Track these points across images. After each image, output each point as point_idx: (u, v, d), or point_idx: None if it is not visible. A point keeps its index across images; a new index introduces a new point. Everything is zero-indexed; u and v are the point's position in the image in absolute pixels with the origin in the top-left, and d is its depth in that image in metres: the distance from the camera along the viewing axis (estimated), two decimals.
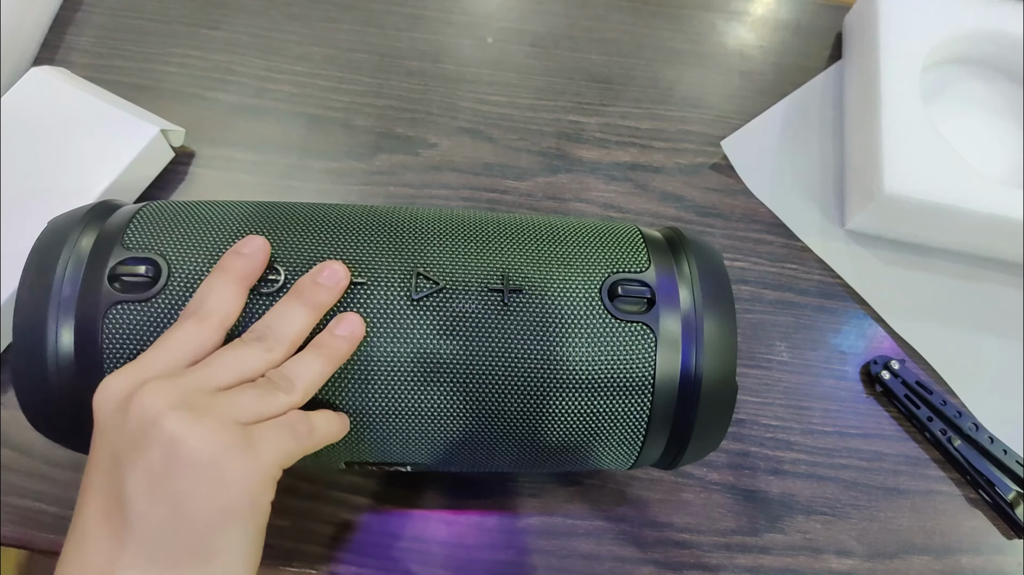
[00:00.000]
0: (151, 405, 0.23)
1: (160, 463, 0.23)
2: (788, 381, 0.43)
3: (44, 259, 0.28)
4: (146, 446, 0.23)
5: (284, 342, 0.26)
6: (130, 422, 0.23)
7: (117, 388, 0.24)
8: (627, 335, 0.29)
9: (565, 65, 0.53)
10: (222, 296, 0.26)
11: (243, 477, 0.23)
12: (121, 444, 0.23)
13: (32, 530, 0.36)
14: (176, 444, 0.23)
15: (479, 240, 0.30)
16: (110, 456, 0.24)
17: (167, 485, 0.23)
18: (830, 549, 0.39)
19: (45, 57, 0.49)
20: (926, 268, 0.47)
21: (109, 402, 0.24)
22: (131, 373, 0.24)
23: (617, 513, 0.39)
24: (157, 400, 0.23)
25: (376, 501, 0.38)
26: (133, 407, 0.23)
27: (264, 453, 0.24)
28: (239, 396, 0.25)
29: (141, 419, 0.23)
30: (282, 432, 0.25)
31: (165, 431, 0.23)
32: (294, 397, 0.25)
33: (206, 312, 0.26)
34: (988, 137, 0.50)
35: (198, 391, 0.24)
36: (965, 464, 0.41)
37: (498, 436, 0.29)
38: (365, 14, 0.53)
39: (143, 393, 0.23)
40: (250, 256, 0.27)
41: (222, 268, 0.27)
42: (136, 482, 0.23)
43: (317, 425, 0.26)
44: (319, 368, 0.26)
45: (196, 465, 0.23)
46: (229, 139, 0.48)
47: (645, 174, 0.49)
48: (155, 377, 0.24)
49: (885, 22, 0.48)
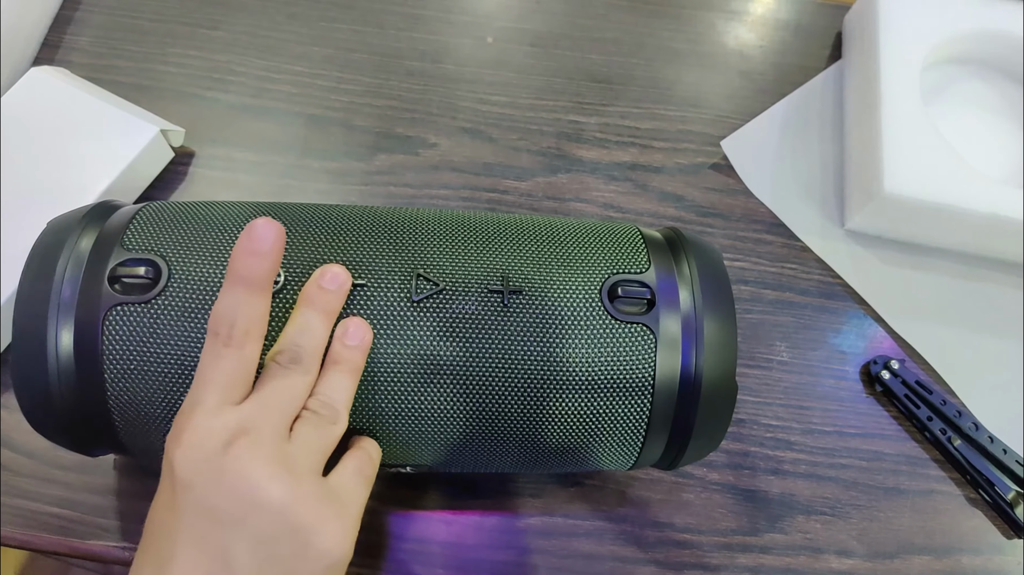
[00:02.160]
0: (252, 469, 0.23)
1: (270, 529, 0.23)
2: (788, 381, 0.43)
3: (44, 259, 0.28)
4: (254, 511, 0.23)
5: (315, 358, 0.26)
6: (230, 484, 0.23)
7: (202, 442, 0.24)
8: (627, 336, 0.29)
9: (565, 65, 0.52)
10: (251, 311, 0.25)
11: (342, 536, 0.24)
12: (221, 505, 0.23)
13: (32, 530, 0.36)
14: (285, 511, 0.23)
15: (479, 241, 0.30)
16: (204, 512, 0.24)
17: (277, 549, 0.23)
18: (830, 549, 0.39)
19: (45, 57, 0.49)
20: (926, 268, 0.47)
21: (195, 455, 0.24)
22: (209, 420, 0.24)
23: (618, 513, 0.39)
24: (256, 463, 0.24)
25: (377, 501, 0.38)
26: (231, 468, 0.23)
27: (351, 508, 0.26)
28: (308, 442, 0.25)
29: (246, 484, 0.23)
30: (358, 482, 0.27)
31: (273, 498, 0.23)
32: (342, 425, 0.26)
33: (243, 334, 0.25)
34: (988, 137, 0.50)
35: (281, 442, 0.25)
36: (965, 464, 0.41)
37: (498, 437, 0.29)
38: (365, 14, 0.53)
39: (239, 455, 0.24)
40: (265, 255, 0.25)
41: (238, 278, 0.25)
42: (246, 547, 0.23)
43: (374, 458, 0.28)
44: (349, 386, 0.27)
45: (303, 530, 0.24)
46: (229, 139, 0.47)
47: (645, 174, 0.49)
48: (239, 431, 0.24)
49: (885, 22, 0.48)
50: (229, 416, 0.24)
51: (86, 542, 0.36)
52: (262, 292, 0.25)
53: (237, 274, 0.25)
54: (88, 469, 0.37)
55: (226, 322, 0.25)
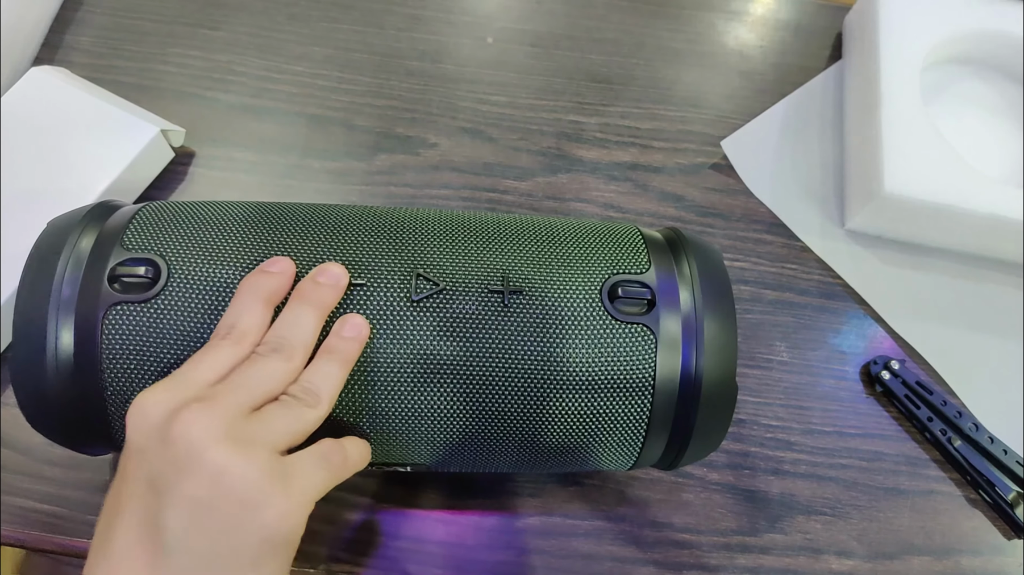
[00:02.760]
0: (196, 433, 0.23)
1: (205, 495, 0.22)
2: (788, 381, 0.43)
3: (44, 259, 0.28)
4: (191, 476, 0.22)
5: (300, 349, 0.26)
6: (172, 448, 0.23)
7: (155, 408, 0.23)
8: (627, 336, 0.28)
9: (565, 65, 0.52)
10: (253, 317, 0.26)
11: (285, 512, 0.23)
12: (161, 469, 0.23)
13: (32, 530, 0.36)
14: (222, 477, 0.22)
15: (479, 241, 0.30)
16: (146, 479, 0.23)
17: (210, 518, 0.22)
18: (830, 549, 0.39)
19: (45, 57, 0.49)
20: (926, 268, 0.47)
21: (147, 422, 0.23)
22: (168, 392, 0.24)
23: (617, 513, 0.39)
24: (202, 428, 0.23)
25: (375, 501, 0.38)
26: (176, 432, 0.23)
27: (303, 487, 0.24)
28: (273, 421, 0.25)
29: (187, 447, 0.22)
30: (319, 465, 0.25)
31: (212, 463, 0.22)
32: (321, 410, 0.26)
33: (241, 334, 0.26)
34: (988, 137, 0.50)
35: (238, 416, 0.24)
36: (965, 464, 0.41)
37: (498, 437, 0.29)
38: (365, 14, 0.53)
39: (187, 418, 0.23)
40: (278, 275, 0.27)
41: (252, 288, 0.27)
42: (177, 512, 0.22)
43: (349, 454, 0.27)
44: (336, 374, 0.26)
45: (240, 500, 0.22)
46: (229, 139, 0.47)
47: (645, 174, 0.49)
48: (194, 399, 0.24)
49: (885, 22, 0.48)
50: (191, 389, 0.24)
51: (75, 539, 0.36)
52: (267, 304, 0.27)
53: (249, 286, 0.27)
54: (79, 465, 0.37)
55: (229, 321, 0.26)
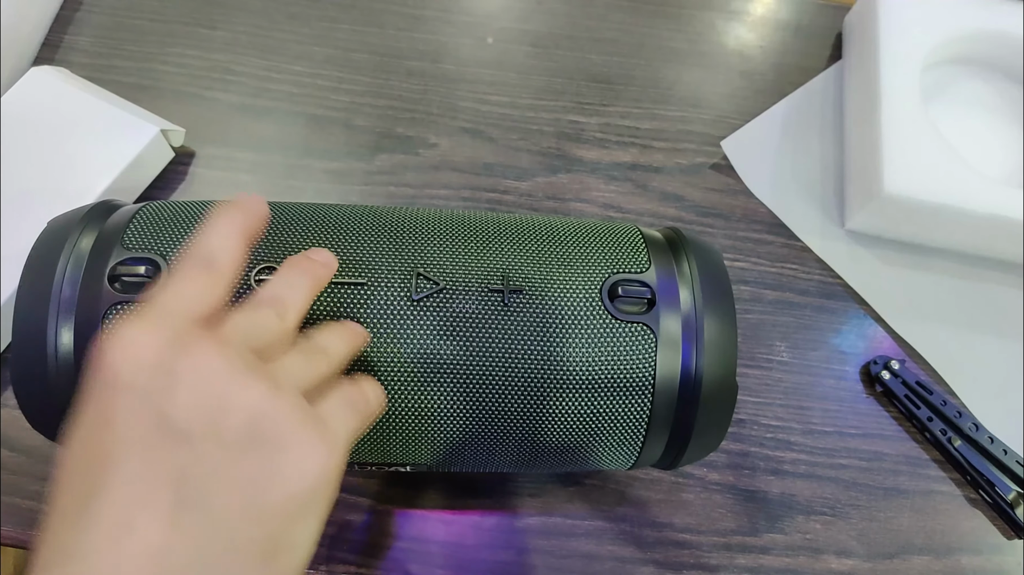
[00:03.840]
0: (219, 366, 0.19)
1: (235, 441, 0.19)
2: (788, 381, 0.43)
3: (44, 259, 0.28)
4: (222, 415, 0.19)
5: (293, 310, 0.23)
6: (187, 386, 0.19)
7: (149, 339, 0.19)
8: (627, 335, 0.29)
9: (565, 65, 0.52)
10: (232, 251, 0.23)
11: (324, 458, 0.20)
12: (174, 411, 0.19)
13: (32, 530, 0.36)
14: (259, 418, 0.19)
15: (479, 240, 0.30)
16: (156, 422, 0.19)
17: (241, 470, 0.19)
18: (830, 549, 0.39)
19: (45, 57, 0.49)
20: (926, 268, 0.47)
21: (142, 355, 0.19)
22: (158, 324, 0.20)
23: (617, 513, 0.39)
24: (224, 361, 0.19)
25: (376, 501, 0.38)
26: (189, 366, 0.19)
27: (337, 432, 0.21)
28: (290, 364, 0.22)
29: (210, 383, 0.19)
30: (346, 409, 0.23)
31: (243, 403, 0.19)
32: (332, 368, 0.24)
33: (219, 268, 0.22)
34: (988, 137, 0.50)
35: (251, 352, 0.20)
36: (965, 464, 0.41)
37: (498, 436, 0.29)
38: (365, 14, 0.53)
39: (202, 350, 0.19)
40: (255, 215, 0.24)
41: (231, 218, 0.23)
42: (204, 464, 0.19)
43: (369, 396, 0.24)
44: (344, 345, 0.25)
45: (279, 443, 0.19)
46: (229, 139, 0.47)
47: (645, 174, 0.49)
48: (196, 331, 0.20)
49: (885, 22, 0.48)
50: (182, 323, 0.20)
51: None
52: (244, 238, 0.23)
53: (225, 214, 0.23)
54: None
55: (205, 251, 0.22)
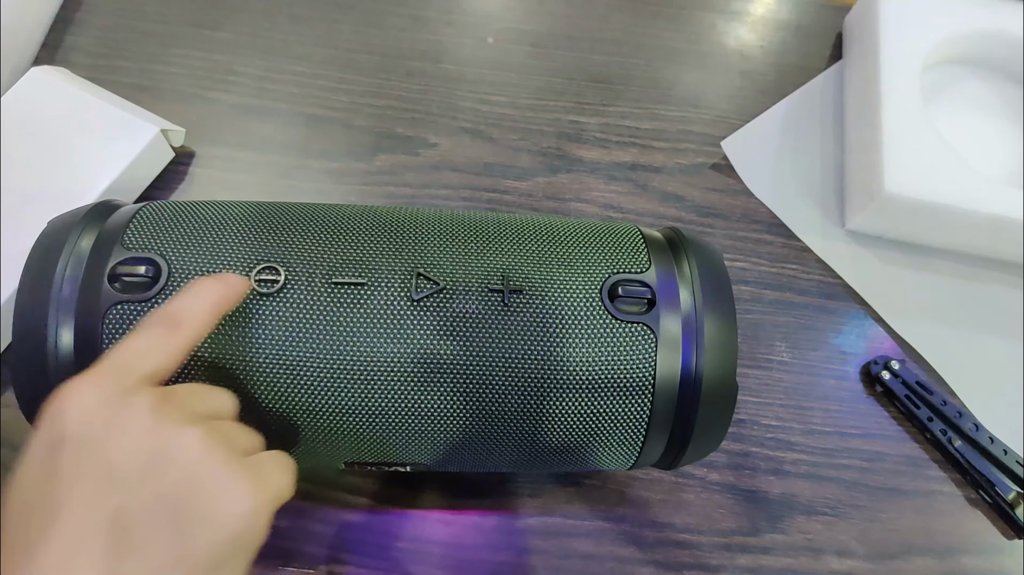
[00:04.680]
0: (164, 419, 0.21)
1: (174, 489, 0.21)
2: (788, 381, 0.43)
3: (44, 259, 0.28)
4: (163, 468, 0.21)
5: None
6: (126, 435, 0.21)
7: (93, 394, 0.22)
8: (627, 336, 0.28)
9: (565, 65, 0.52)
10: (197, 316, 0.25)
11: (252, 509, 0.22)
12: (120, 458, 0.21)
13: None
14: (195, 470, 0.21)
15: (479, 240, 0.30)
16: (101, 470, 0.21)
17: (178, 514, 0.21)
18: (831, 549, 0.39)
19: (45, 57, 0.49)
20: (926, 268, 0.47)
21: (86, 409, 0.21)
22: (103, 378, 0.22)
23: (617, 513, 0.39)
24: (168, 413, 0.22)
25: (375, 501, 0.38)
26: (129, 417, 0.21)
27: (270, 488, 0.23)
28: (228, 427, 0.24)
29: (146, 434, 0.21)
30: (282, 470, 0.24)
31: (183, 453, 0.21)
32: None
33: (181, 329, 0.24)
34: (988, 137, 0.50)
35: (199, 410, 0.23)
36: (965, 464, 0.41)
37: (498, 436, 0.29)
38: (366, 14, 0.53)
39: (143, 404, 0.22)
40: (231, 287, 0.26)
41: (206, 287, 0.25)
42: (143, 508, 0.20)
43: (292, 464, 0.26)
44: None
45: (212, 492, 0.21)
46: (229, 139, 0.47)
47: (645, 174, 0.49)
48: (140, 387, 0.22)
49: (885, 22, 0.48)
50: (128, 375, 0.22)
51: None
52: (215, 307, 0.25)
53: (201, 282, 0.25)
54: None
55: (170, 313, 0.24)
